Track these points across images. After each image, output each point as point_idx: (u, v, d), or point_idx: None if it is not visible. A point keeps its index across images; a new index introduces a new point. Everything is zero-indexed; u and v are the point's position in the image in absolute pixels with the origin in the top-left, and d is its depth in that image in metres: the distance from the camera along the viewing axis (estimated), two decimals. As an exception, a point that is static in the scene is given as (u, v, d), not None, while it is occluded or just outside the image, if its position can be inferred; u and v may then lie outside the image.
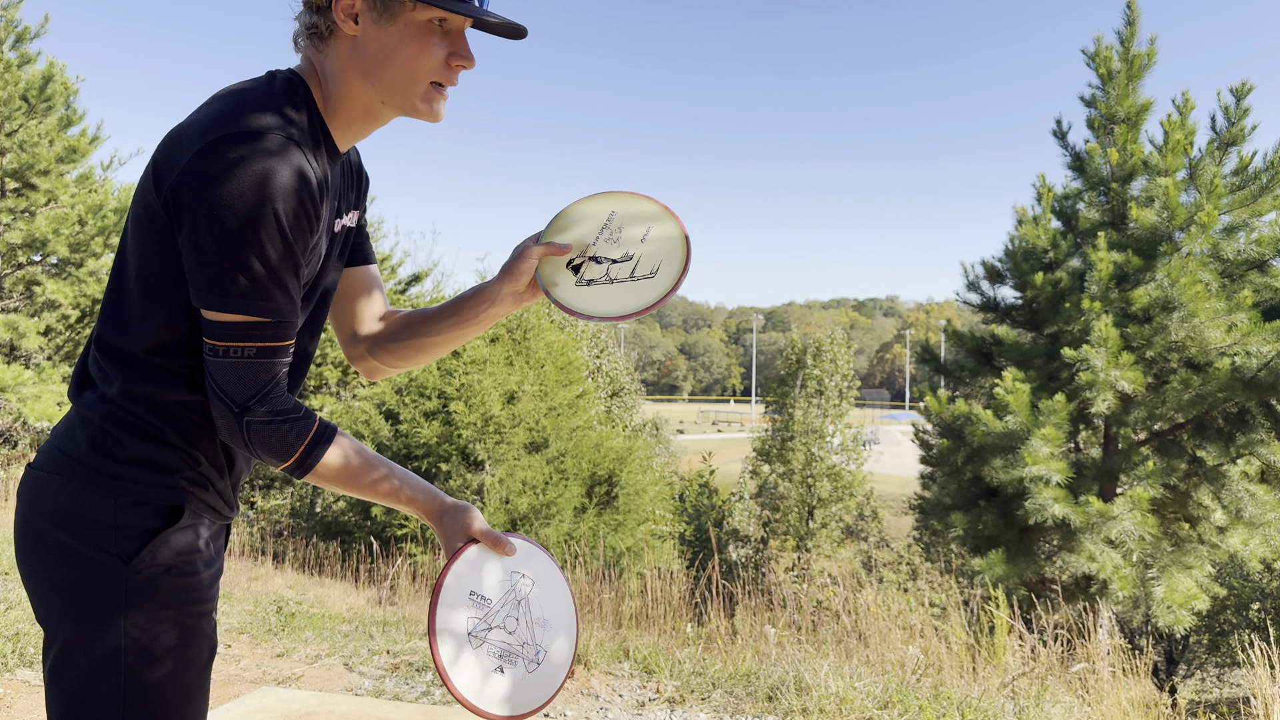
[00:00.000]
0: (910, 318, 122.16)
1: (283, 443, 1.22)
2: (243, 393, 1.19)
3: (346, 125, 1.31)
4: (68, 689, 1.20)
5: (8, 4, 12.24)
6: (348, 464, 1.27)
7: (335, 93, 1.28)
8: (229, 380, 1.19)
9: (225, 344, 1.18)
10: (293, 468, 1.23)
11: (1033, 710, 3.83)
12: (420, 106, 1.28)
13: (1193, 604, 7.60)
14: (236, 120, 1.16)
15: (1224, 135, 8.17)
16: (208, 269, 1.15)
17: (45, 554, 1.23)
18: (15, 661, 4.01)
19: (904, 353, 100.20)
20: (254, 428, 1.20)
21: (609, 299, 1.40)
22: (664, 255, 1.40)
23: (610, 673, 4.38)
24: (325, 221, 1.27)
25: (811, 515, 19.58)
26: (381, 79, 1.25)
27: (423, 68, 1.24)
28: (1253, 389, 7.42)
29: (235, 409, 1.19)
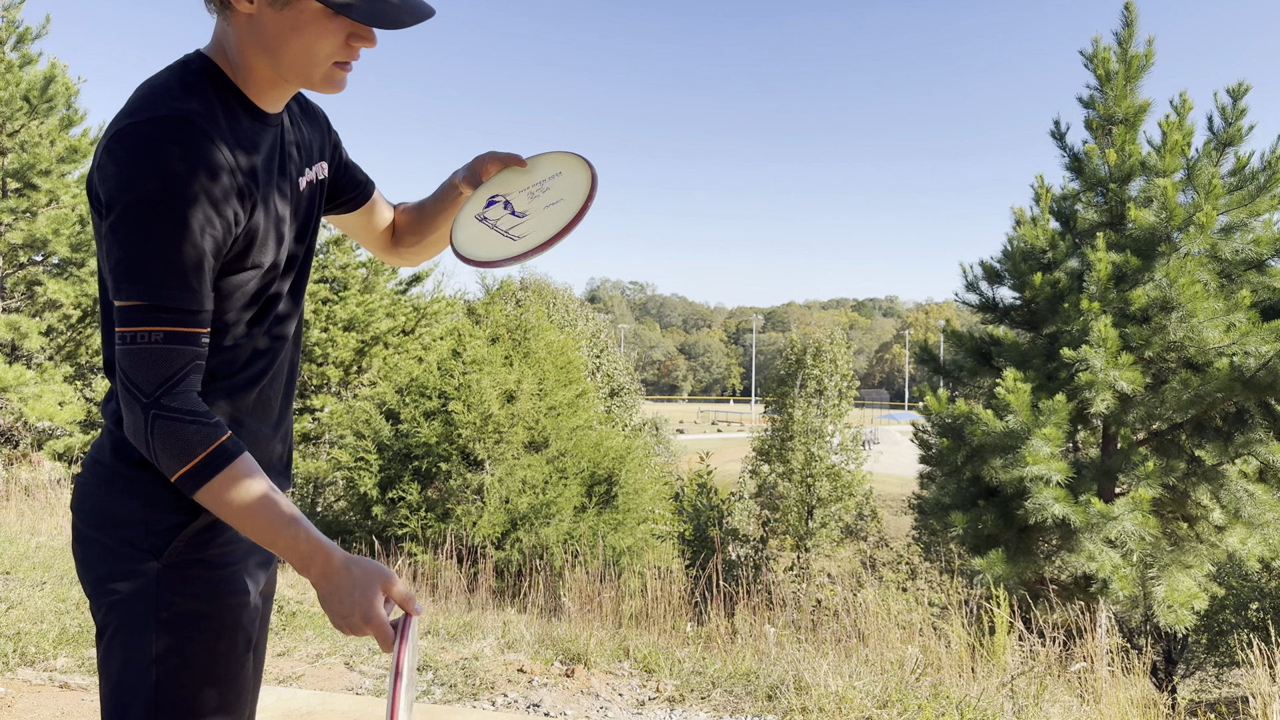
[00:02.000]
0: (909, 318, 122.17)
1: (184, 445, 1.15)
2: (151, 381, 1.15)
3: (263, 92, 1.30)
4: (110, 680, 1.24)
5: (9, 4, 12.25)
6: (249, 488, 1.18)
7: (242, 64, 1.27)
8: (137, 367, 1.16)
9: (133, 329, 1.16)
10: (188, 475, 1.16)
11: (1032, 710, 3.84)
12: (321, 85, 1.28)
13: (1193, 603, 7.62)
14: (138, 110, 1.18)
15: (1221, 136, 8.19)
16: (115, 255, 1.16)
17: (88, 552, 1.27)
18: (16, 661, 4.02)
19: (903, 353, 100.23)
20: (159, 423, 1.15)
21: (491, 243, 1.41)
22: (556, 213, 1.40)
23: (610, 672, 4.40)
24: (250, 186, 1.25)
25: (811, 515, 19.60)
26: (281, 59, 1.24)
27: (321, 52, 1.23)
28: (1251, 389, 7.44)
29: (144, 399, 1.15)
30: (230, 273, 1.26)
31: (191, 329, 1.18)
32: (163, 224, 1.15)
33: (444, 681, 4.13)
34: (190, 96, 1.21)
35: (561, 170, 1.45)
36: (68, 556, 6.21)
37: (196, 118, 1.19)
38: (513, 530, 10.23)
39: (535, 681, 4.16)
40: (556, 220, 1.38)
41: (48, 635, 4.26)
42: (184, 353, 1.17)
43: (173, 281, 1.16)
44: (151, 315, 1.16)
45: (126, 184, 1.15)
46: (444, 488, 10.61)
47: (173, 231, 1.15)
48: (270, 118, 1.33)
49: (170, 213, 1.15)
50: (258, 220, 1.26)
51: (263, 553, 1.36)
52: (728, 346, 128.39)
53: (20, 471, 11.12)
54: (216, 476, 1.16)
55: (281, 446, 1.43)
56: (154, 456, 1.16)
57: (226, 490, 1.16)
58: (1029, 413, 7.58)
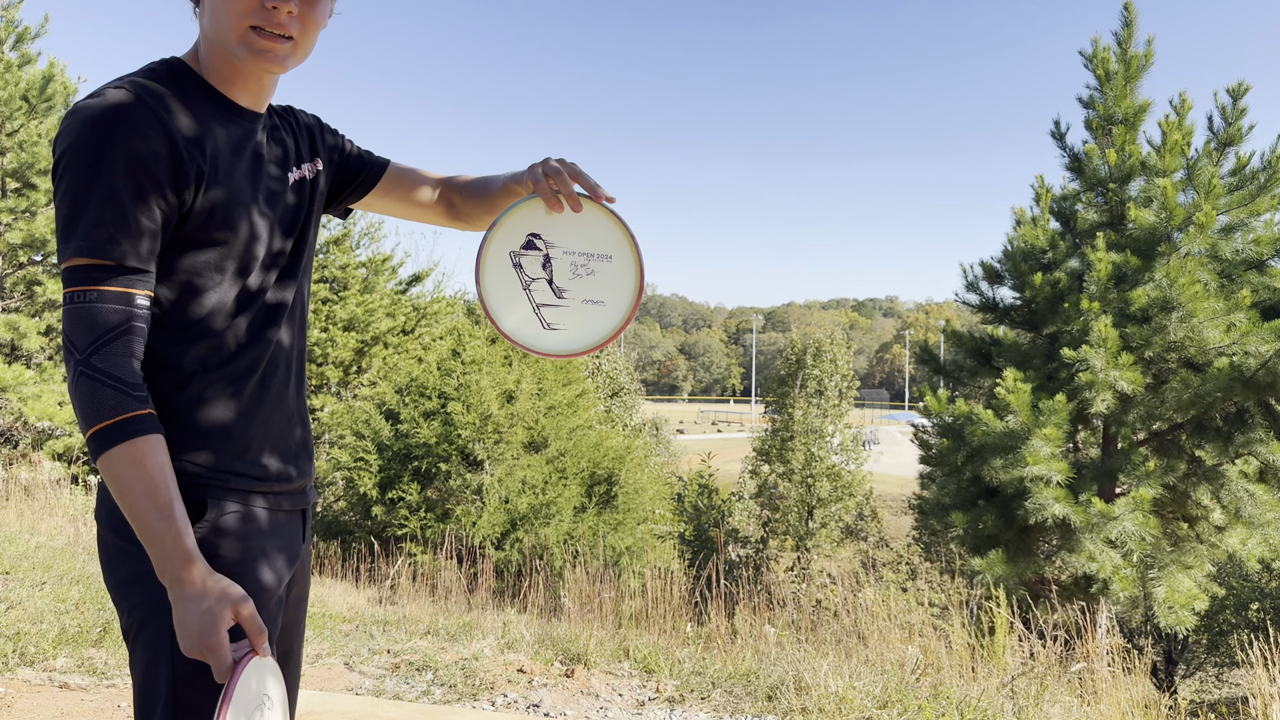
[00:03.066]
0: (910, 318, 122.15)
1: (96, 406, 1.14)
2: (84, 338, 1.15)
3: (227, 81, 1.31)
4: (136, 680, 1.25)
5: (8, 4, 12.25)
6: (144, 468, 1.15)
7: (204, 56, 1.30)
8: (74, 326, 1.16)
9: (71, 289, 1.17)
10: (91, 438, 1.14)
11: (1032, 710, 3.84)
12: (245, 56, 1.26)
13: (1194, 604, 7.61)
14: (92, 93, 1.21)
15: (1221, 135, 8.18)
16: (58, 220, 1.18)
17: (108, 555, 1.28)
18: (16, 661, 4.02)
19: (903, 353, 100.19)
20: (81, 380, 1.15)
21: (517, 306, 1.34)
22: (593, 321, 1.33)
23: (610, 672, 4.39)
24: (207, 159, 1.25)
25: (811, 515, 19.59)
26: (210, 31, 1.26)
27: (231, 10, 1.23)
28: (1251, 389, 7.43)
29: (76, 356, 1.16)
30: (193, 247, 1.25)
31: (126, 289, 1.18)
32: (97, 185, 1.16)
33: (444, 681, 4.13)
34: (143, 79, 1.24)
35: (614, 255, 1.33)
36: (68, 557, 6.21)
37: (143, 93, 1.21)
38: (512, 530, 10.23)
39: (535, 681, 4.16)
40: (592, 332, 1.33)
41: (47, 635, 4.26)
42: (117, 313, 1.17)
43: (105, 241, 1.16)
44: (84, 274, 1.16)
45: (66, 150, 1.18)
46: (444, 488, 10.60)
47: (107, 192, 1.16)
48: (243, 111, 1.33)
49: (104, 174, 1.16)
50: (215, 197, 1.25)
51: (287, 551, 1.35)
52: (728, 346, 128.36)
53: (20, 471, 11.11)
54: (117, 446, 1.14)
55: (301, 431, 1.41)
56: (76, 414, 1.16)
57: (121, 463, 1.14)
58: (1029, 413, 7.57)
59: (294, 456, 1.38)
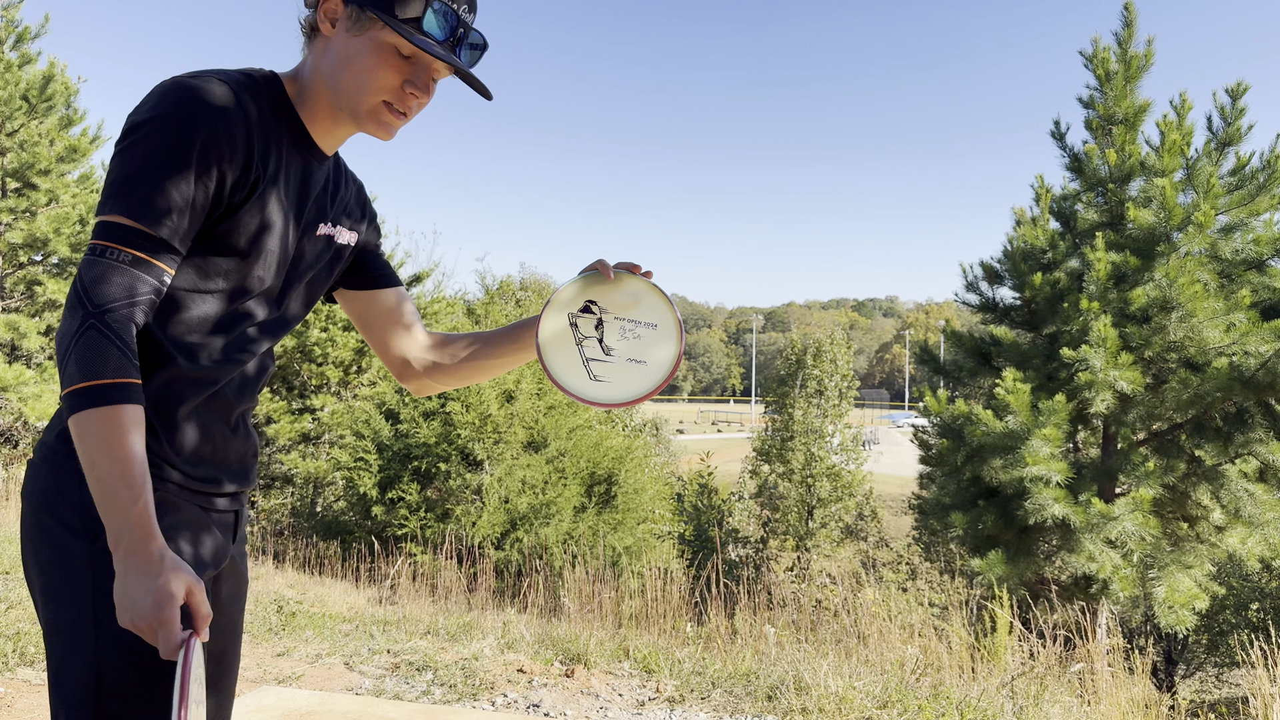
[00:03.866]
0: (910, 318, 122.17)
1: (100, 362, 1.12)
2: (104, 295, 1.15)
3: (318, 122, 1.34)
4: (50, 669, 1.22)
5: (8, 4, 12.25)
6: (125, 437, 1.13)
7: (307, 88, 1.32)
8: (96, 280, 1.15)
9: (104, 243, 1.17)
10: (82, 391, 1.12)
11: (1032, 710, 3.84)
12: (366, 120, 1.30)
13: (1194, 604, 7.61)
14: (194, 75, 1.23)
15: (1221, 135, 8.19)
16: (114, 174, 1.19)
17: (31, 536, 1.25)
18: (16, 661, 4.02)
19: (903, 353, 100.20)
20: (91, 333, 1.13)
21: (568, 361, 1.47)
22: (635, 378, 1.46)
23: (610, 672, 4.39)
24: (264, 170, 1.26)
25: (811, 515, 19.59)
26: (338, 83, 1.29)
27: (375, 82, 1.27)
28: (1251, 388, 7.44)
29: (89, 308, 1.14)
30: (210, 247, 1.25)
31: (159, 263, 1.19)
32: (166, 154, 1.17)
33: (444, 681, 4.13)
34: (245, 81, 1.27)
35: (658, 324, 1.48)
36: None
37: (240, 94, 1.24)
38: (512, 530, 10.23)
39: (535, 681, 4.16)
40: (632, 387, 1.46)
41: (47, 635, 4.25)
42: (145, 282, 1.17)
43: (159, 209, 1.17)
44: (125, 234, 1.17)
45: (142, 112, 1.19)
46: (443, 488, 10.61)
47: (173, 163, 1.17)
48: (315, 150, 1.36)
49: (180, 153, 1.17)
50: (256, 213, 1.27)
51: (213, 547, 1.32)
52: (728, 346, 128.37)
53: (19, 471, 11.12)
54: (105, 407, 1.12)
55: (243, 446, 1.40)
56: (63, 363, 1.13)
57: (109, 424, 1.12)
58: (1029, 413, 7.57)
59: (230, 468, 1.36)
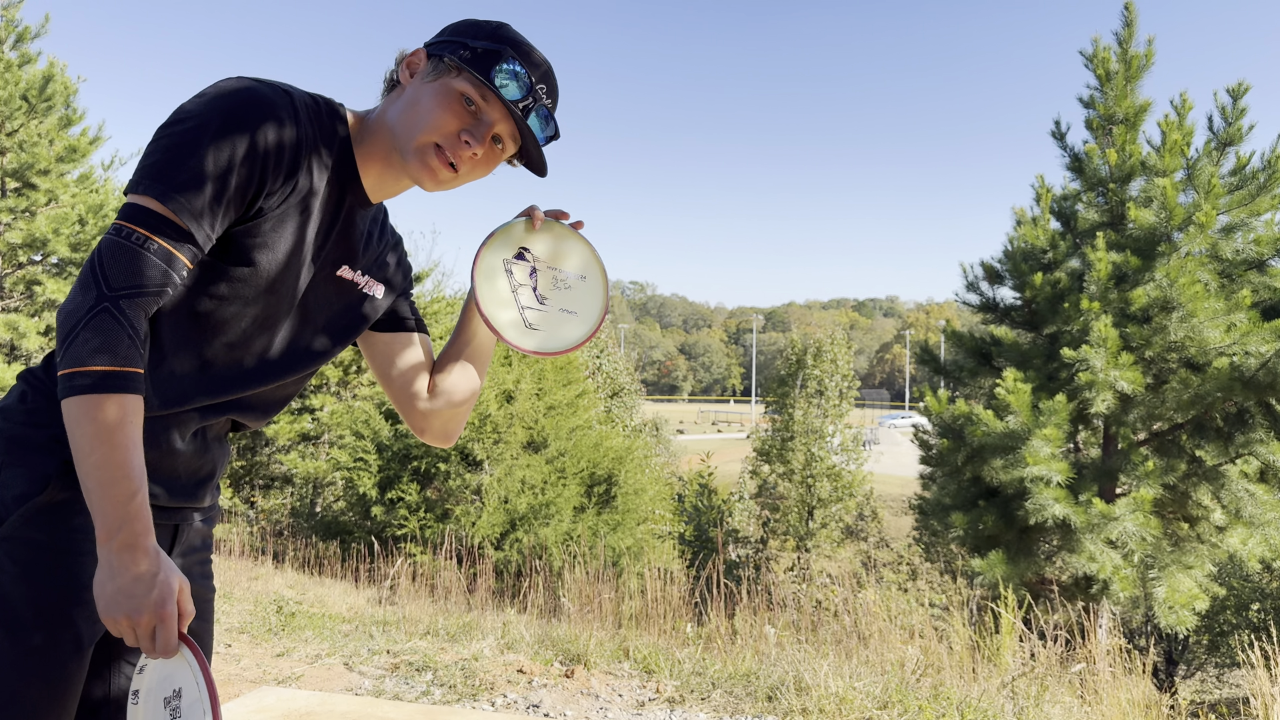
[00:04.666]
0: (910, 318, 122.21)
1: (110, 347, 1.07)
2: (122, 278, 1.09)
3: (371, 164, 1.32)
4: None
5: (8, 4, 12.24)
6: (127, 427, 1.08)
7: (370, 129, 1.32)
8: (117, 261, 1.10)
9: (132, 226, 1.11)
10: (88, 374, 1.06)
11: (1032, 710, 3.83)
12: (414, 159, 1.27)
13: (1194, 604, 7.61)
14: (262, 80, 1.21)
15: (1221, 135, 8.18)
16: (152, 156, 1.14)
17: None
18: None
19: (904, 353, 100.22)
20: (103, 315, 1.07)
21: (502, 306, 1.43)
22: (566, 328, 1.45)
23: (610, 672, 4.39)
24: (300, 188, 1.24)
25: (811, 515, 19.59)
26: (399, 119, 1.28)
27: (432, 120, 1.26)
28: (1252, 389, 7.43)
29: (104, 289, 1.08)
30: (217, 253, 1.20)
31: (182, 256, 1.14)
32: (212, 147, 1.14)
33: (443, 682, 4.12)
34: (304, 95, 1.26)
35: (587, 277, 1.50)
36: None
37: (303, 110, 1.22)
38: (512, 530, 10.23)
39: (535, 682, 4.16)
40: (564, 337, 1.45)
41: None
42: (166, 275, 1.13)
43: (193, 201, 1.13)
44: (152, 219, 1.12)
45: (198, 101, 1.16)
46: (443, 488, 10.60)
47: (216, 158, 1.14)
48: (359, 191, 1.33)
49: (223, 141, 1.14)
50: (274, 219, 1.22)
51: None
52: (728, 346, 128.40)
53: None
54: (115, 394, 1.07)
55: (197, 462, 1.31)
56: (68, 341, 1.07)
57: (112, 411, 1.07)
58: (1029, 413, 7.57)
59: (173, 483, 1.29)
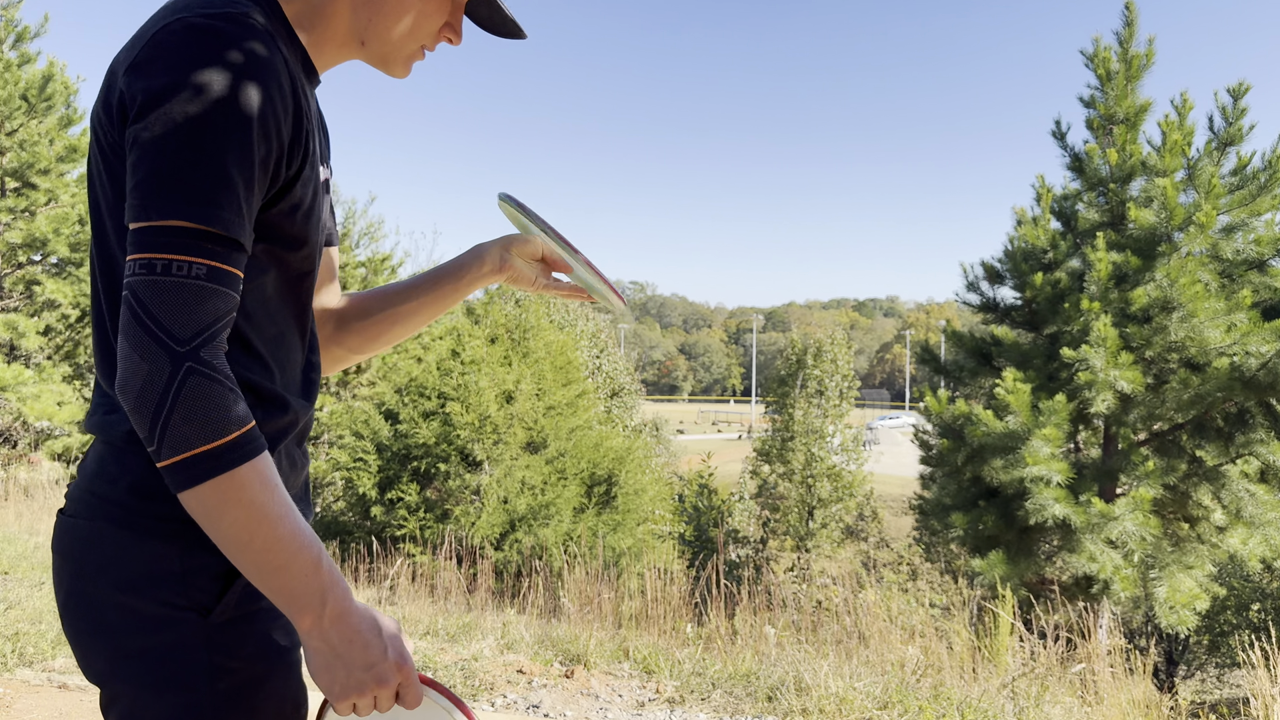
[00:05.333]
0: (910, 318, 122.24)
1: (221, 415, 0.87)
2: (189, 325, 0.87)
3: (325, 49, 1.12)
4: None
5: (8, 4, 12.25)
6: (275, 488, 0.91)
7: (319, 10, 1.09)
8: (169, 306, 0.87)
9: (166, 256, 0.88)
10: (206, 456, 0.87)
11: (1032, 711, 3.83)
12: (398, 66, 1.14)
13: (1195, 604, 7.61)
14: (194, 6, 0.96)
15: (1222, 135, 8.18)
16: (146, 167, 0.90)
17: (105, 619, 0.98)
18: (15, 661, 4.01)
19: (904, 353, 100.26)
20: (193, 379, 0.86)
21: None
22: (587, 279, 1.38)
23: (610, 673, 4.39)
24: (317, 150, 1.06)
25: (811, 515, 19.59)
26: (378, 23, 1.10)
27: (425, 29, 1.12)
28: (1252, 389, 7.43)
29: (176, 347, 0.86)
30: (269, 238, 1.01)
31: (237, 270, 0.92)
32: (222, 130, 0.91)
33: (443, 682, 4.12)
34: (256, 7, 1.01)
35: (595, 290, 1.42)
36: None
37: (272, 38, 0.99)
38: (512, 531, 10.23)
39: (535, 682, 4.15)
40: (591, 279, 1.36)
41: (46, 636, 4.25)
42: (227, 298, 0.91)
43: (227, 203, 0.90)
44: (195, 242, 0.89)
45: (177, 80, 0.90)
46: (443, 488, 10.60)
47: (232, 142, 0.91)
48: (316, 79, 1.13)
49: (231, 118, 0.91)
50: (310, 182, 1.03)
51: None
52: (728, 346, 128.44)
53: (19, 471, 11.11)
54: (243, 466, 0.88)
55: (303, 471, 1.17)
56: (160, 426, 0.86)
57: (249, 489, 0.88)
58: (1029, 413, 7.57)
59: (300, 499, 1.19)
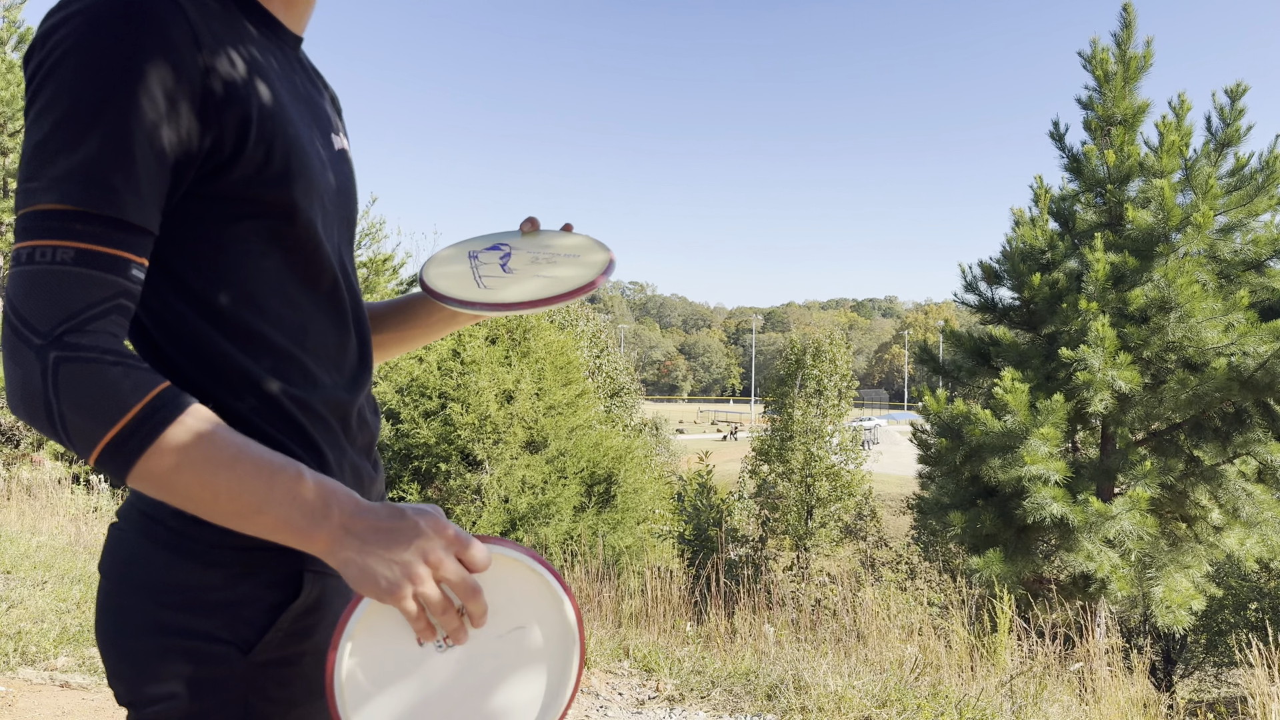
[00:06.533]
0: (909, 318, 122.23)
1: (111, 393, 0.78)
2: (51, 314, 0.79)
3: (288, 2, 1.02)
4: None
5: (10, 5, 12.26)
6: (218, 434, 0.81)
7: None
8: (30, 295, 0.79)
9: (31, 243, 0.80)
10: (121, 439, 0.78)
11: (1030, 709, 3.85)
12: None
13: (1191, 604, 7.63)
14: None
15: (1220, 136, 8.20)
16: (26, 147, 0.83)
17: (141, 638, 0.89)
18: (17, 660, 4.03)
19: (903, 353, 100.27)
20: (65, 367, 0.77)
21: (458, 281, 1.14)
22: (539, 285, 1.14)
23: (610, 671, 4.41)
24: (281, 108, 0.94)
25: (810, 515, 19.61)
26: None
27: None
28: (1249, 389, 7.45)
29: (37, 340, 0.78)
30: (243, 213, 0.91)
31: (118, 251, 0.82)
32: (103, 108, 0.82)
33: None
34: None
35: (580, 254, 1.19)
36: (69, 556, 6.21)
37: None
38: (512, 530, 10.25)
39: (535, 681, 4.16)
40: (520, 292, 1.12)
41: (48, 634, 4.27)
42: (104, 282, 0.81)
43: (101, 184, 0.81)
44: (61, 225, 0.80)
45: (59, 53, 0.83)
46: (443, 488, 10.62)
47: (115, 119, 0.82)
48: (283, 32, 1.03)
49: (113, 93, 0.82)
50: (270, 138, 0.91)
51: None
52: (727, 346, 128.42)
53: (21, 471, 11.12)
54: (170, 427, 0.79)
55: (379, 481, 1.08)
56: (55, 425, 0.78)
57: (186, 444, 0.79)
58: (1027, 413, 7.59)
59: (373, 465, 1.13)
